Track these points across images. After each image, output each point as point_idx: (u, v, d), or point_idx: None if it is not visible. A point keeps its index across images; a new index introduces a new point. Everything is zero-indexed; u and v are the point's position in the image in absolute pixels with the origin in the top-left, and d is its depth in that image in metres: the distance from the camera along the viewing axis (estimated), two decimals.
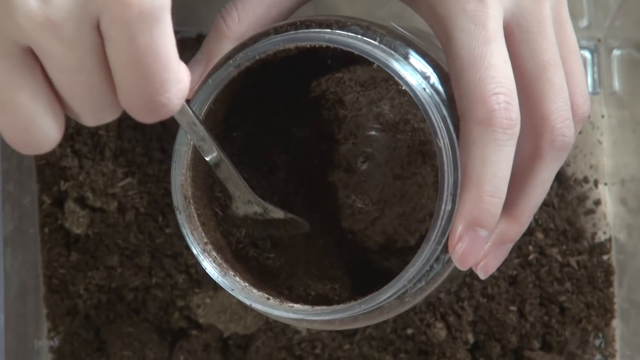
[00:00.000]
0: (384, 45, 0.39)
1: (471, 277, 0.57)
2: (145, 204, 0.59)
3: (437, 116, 0.38)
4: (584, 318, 0.58)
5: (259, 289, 0.41)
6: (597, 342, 0.59)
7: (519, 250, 0.58)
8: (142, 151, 0.59)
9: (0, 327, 0.51)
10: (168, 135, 0.59)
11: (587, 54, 0.60)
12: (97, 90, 0.32)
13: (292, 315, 0.40)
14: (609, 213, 0.60)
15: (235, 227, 0.45)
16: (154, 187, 0.59)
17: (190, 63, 0.43)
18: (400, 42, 0.39)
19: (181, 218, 0.42)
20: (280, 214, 0.44)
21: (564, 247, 0.59)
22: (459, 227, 0.38)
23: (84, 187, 0.59)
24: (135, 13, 0.29)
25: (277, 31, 0.41)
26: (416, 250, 0.39)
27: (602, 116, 0.61)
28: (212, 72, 0.41)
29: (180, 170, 0.42)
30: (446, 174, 0.37)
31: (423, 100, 0.38)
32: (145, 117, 0.33)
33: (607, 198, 0.60)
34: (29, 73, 0.31)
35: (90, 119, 0.34)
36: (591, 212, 0.60)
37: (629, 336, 0.59)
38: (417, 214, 0.46)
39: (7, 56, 0.31)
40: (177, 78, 0.32)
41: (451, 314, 0.57)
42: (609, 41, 0.59)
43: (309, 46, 0.39)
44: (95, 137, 0.60)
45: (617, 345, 0.59)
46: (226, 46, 0.42)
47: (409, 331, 0.58)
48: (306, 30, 0.40)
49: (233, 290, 0.41)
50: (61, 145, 0.60)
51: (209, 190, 0.44)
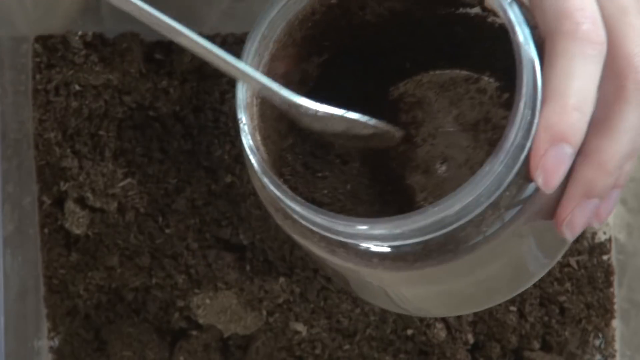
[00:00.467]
0: None
1: None
2: (145, 204, 0.59)
3: (514, 17, 0.37)
4: (584, 318, 0.58)
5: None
6: (597, 342, 0.59)
7: None
8: (142, 151, 0.59)
9: (1, 328, 0.51)
10: (168, 136, 0.59)
11: None
12: None
13: (362, 228, 0.36)
14: None
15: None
16: (154, 187, 0.59)
17: None
18: None
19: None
20: (362, 117, 0.41)
21: None
22: (543, 141, 0.35)
23: (84, 187, 0.59)
24: None
25: None
26: None
27: None
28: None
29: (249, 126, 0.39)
30: (525, 70, 0.35)
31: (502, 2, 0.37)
32: None
33: None
34: None
35: None
36: None
37: (629, 336, 0.59)
38: None
39: None
40: None
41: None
42: None
43: None
44: (95, 138, 0.60)
45: (617, 346, 0.59)
46: None
47: (409, 331, 0.58)
48: None
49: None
50: (61, 146, 0.60)
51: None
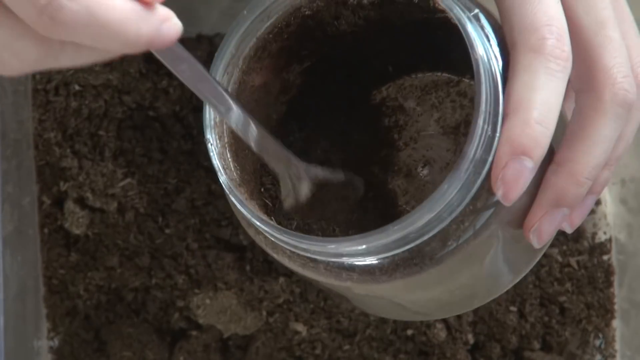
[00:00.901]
0: None
1: None
2: (145, 204, 0.59)
3: (477, 34, 0.37)
4: (584, 318, 0.58)
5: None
6: (597, 343, 0.59)
7: None
8: (142, 151, 0.59)
9: (0, 328, 0.51)
10: (168, 136, 0.59)
11: None
12: None
13: (329, 247, 0.37)
14: (609, 213, 0.60)
15: (287, 219, 0.43)
16: (154, 188, 0.59)
17: None
18: None
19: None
20: (338, 174, 0.41)
21: (564, 247, 0.59)
22: (503, 153, 0.35)
23: (83, 187, 0.59)
24: None
25: None
26: None
27: None
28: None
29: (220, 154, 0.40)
30: (484, 86, 0.36)
31: (460, 15, 0.37)
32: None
33: (608, 198, 0.60)
34: None
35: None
36: (591, 212, 0.60)
37: (629, 336, 0.59)
38: None
39: None
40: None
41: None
42: None
43: None
44: (95, 138, 0.60)
45: (617, 346, 0.59)
46: None
47: (409, 332, 0.58)
48: None
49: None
50: (61, 146, 0.60)
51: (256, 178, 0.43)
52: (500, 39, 0.38)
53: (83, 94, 0.60)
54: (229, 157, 0.40)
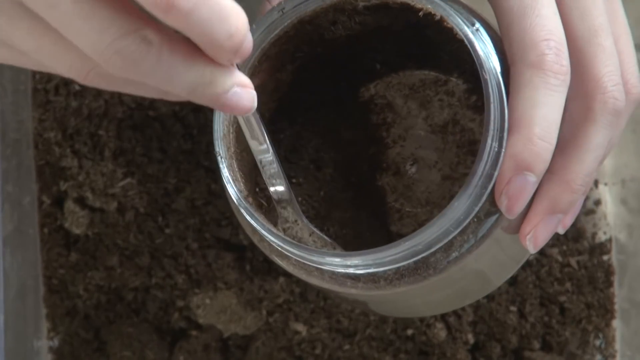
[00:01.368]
0: None
1: None
2: (145, 204, 0.59)
3: (483, 50, 0.38)
4: (584, 318, 0.58)
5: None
6: (597, 343, 0.59)
7: None
8: (142, 151, 0.59)
9: (0, 328, 0.51)
10: (168, 136, 0.59)
11: None
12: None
13: (335, 260, 0.38)
14: (609, 213, 0.60)
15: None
16: (154, 187, 0.59)
17: None
18: None
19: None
20: (324, 241, 0.43)
21: (564, 247, 0.59)
22: (507, 169, 0.37)
23: (83, 187, 0.59)
24: None
25: None
26: None
27: None
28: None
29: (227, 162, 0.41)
30: (492, 106, 0.37)
31: (468, 32, 0.38)
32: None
33: (608, 198, 0.60)
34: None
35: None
36: (591, 212, 0.60)
37: (629, 336, 0.59)
38: None
39: None
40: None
41: (451, 314, 0.57)
42: None
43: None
44: (95, 137, 0.60)
45: (618, 346, 0.59)
46: None
47: (409, 331, 0.58)
48: None
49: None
50: (61, 145, 0.60)
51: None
52: (500, 51, 0.39)
53: (83, 93, 0.60)
54: (235, 167, 0.41)
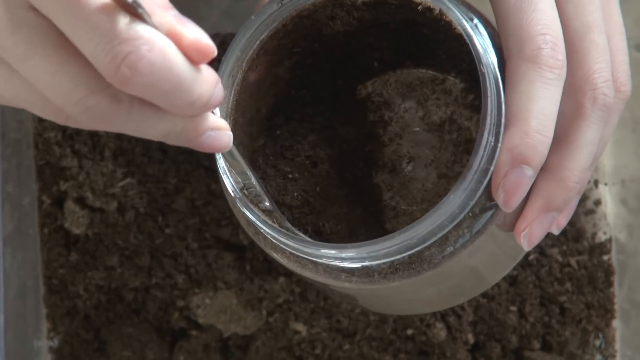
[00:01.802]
0: None
1: None
2: (145, 204, 0.59)
3: (481, 44, 0.38)
4: (584, 318, 0.58)
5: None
6: (597, 343, 0.59)
7: None
8: (142, 151, 0.59)
9: (0, 328, 0.51)
10: None
11: None
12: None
13: (331, 252, 0.38)
14: (609, 213, 0.60)
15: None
16: (154, 187, 0.59)
17: None
18: None
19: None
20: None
21: (564, 247, 0.59)
22: (504, 162, 0.37)
23: (83, 187, 0.59)
24: None
25: None
26: None
27: None
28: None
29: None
30: (489, 100, 0.37)
31: (466, 27, 0.38)
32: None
33: (608, 198, 0.60)
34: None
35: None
36: (591, 212, 0.60)
37: (629, 336, 0.59)
38: None
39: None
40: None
41: (451, 314, 0.57)
42: None
43: None
44: (95, 137, 0.60)
45: (618, 346, 0.59)
46: None
47: (409, 331, 0.58)
48: None
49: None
50: (61, 145, 0.60)
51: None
52: (497, 47, 0.39)
53: None
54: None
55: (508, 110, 0.37)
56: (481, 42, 0.38)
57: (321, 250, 0.38)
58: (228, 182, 0.40)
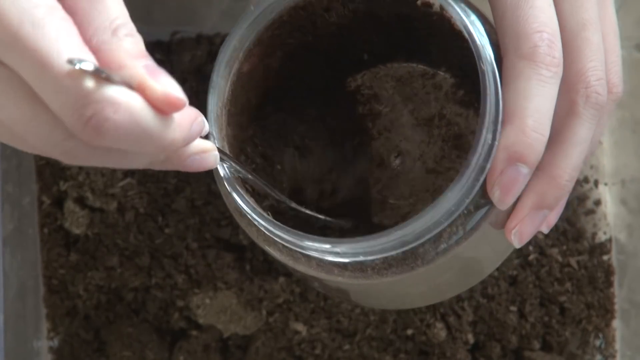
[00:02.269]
0: None
1: None
2: (145, 204, 0.59)
3: (481, 40, 0.38)
4: (584, 318, 0.58)
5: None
6: (597, 343, 0.59)
7: (519, 250, 0.58)
8: None
9: (0, 328, 0.51)
10: None
11: None
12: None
13: (325, 247, 0.38)
14: (609, 213, 0.60)
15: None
16: (154, 187, 0.59)
17: None
18: None
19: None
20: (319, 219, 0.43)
21: (564, 247, 0.59)
22: (500, 160, 0.37)
23: (83, 187, 0.59)
24: None
25: None
26: None
27: None
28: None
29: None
30: (488, 98, 0.37)
31: (467, 23, 0.38)
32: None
33: (608, 198, 0.60)
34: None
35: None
36: (591, 212, 0.60)
37: (629, 337, 0.59)
38: None
39: None
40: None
41: (451, 314, 0.57)
42: None
43: None
44: None
45: (618, 346, 0.59)
46: None
47: (409, 331, 0.58)
48: None
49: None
50: None
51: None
52: (494, 44, 0.39)
53: None
54: (227, 149, 0.41)
55: (504, 108, 0.37)
56: (480, 38, 0.38)
57: (315, 244, 0.38)
58: (222, 170, 0.40)
